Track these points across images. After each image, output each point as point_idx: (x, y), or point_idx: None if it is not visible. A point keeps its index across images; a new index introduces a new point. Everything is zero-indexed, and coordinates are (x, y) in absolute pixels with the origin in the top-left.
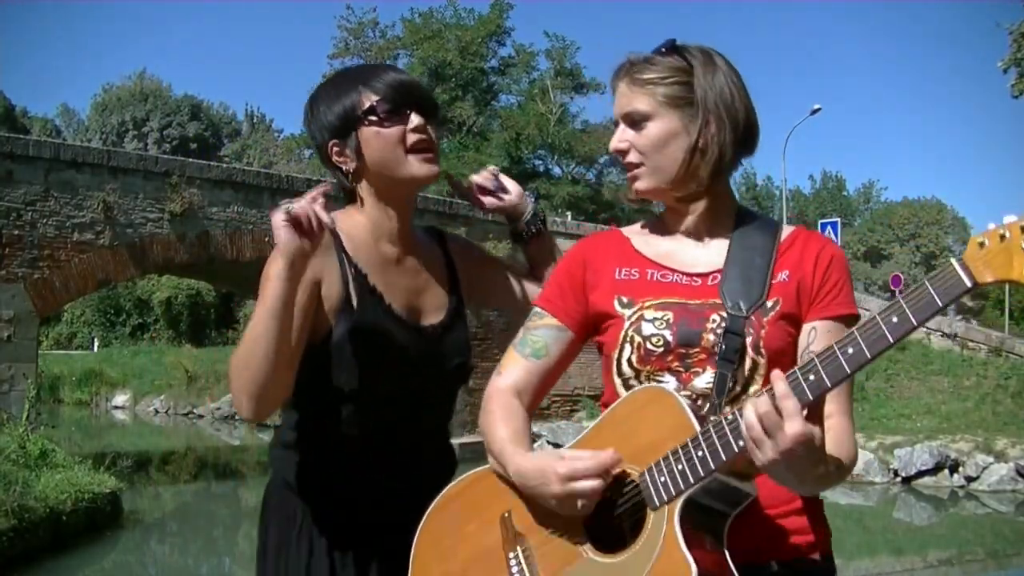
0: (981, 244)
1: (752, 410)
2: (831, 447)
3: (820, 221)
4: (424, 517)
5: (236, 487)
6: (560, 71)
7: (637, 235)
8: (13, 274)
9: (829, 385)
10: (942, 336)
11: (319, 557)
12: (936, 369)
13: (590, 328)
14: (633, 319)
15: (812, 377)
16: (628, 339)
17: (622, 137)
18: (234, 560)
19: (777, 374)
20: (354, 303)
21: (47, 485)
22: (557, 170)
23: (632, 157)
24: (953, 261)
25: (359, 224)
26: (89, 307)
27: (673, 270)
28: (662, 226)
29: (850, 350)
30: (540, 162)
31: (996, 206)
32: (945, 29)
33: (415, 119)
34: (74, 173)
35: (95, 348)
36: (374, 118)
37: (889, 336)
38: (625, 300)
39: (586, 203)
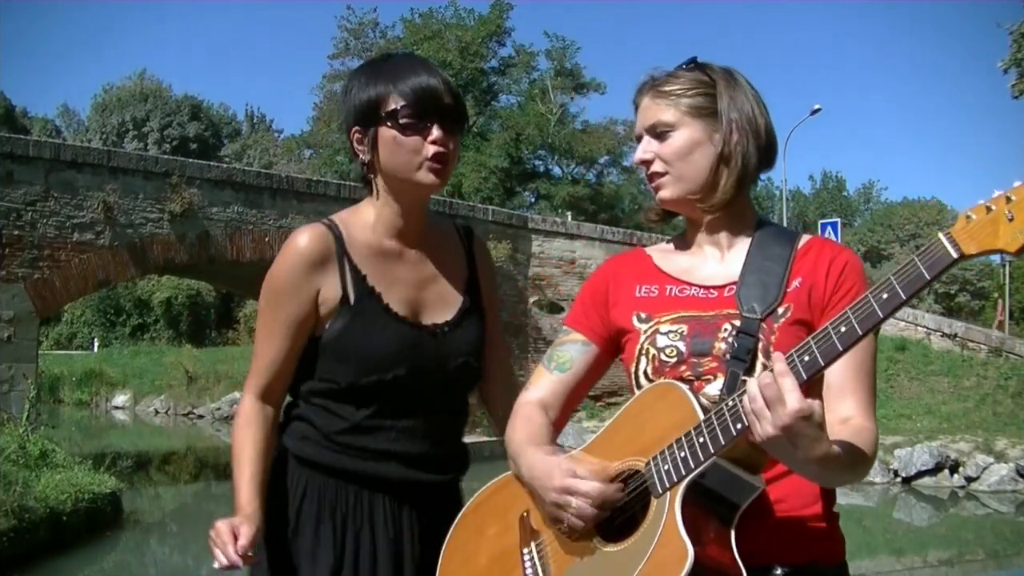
0: (968, 218)
1: (754, 384)
2: (848, 437)
3: (820, 221)
4: (453, 524)
5: None
6: (560, 71)
7: (659, 252)
8: (13, 274)
9: (822, 364)
10: (942, 336)
11: (325, 536)
12: (936, 369)
13: (615, 344)
14: (649, 333)
15: (807, 357)
16: (644, 352)
17: (646, 148)
18: None
19: (777, 355)
20: (351, 301)
21: (47, 485)
22: (557, 170)
23: (657, 167)
24: (940, 234)
25: (364, 220)
26: (89, 307)
27: (691, 284)
28: (683, 242)
29: (843, 328)
30: (540, 162)
31: None
32: (945, 29)
33: (435, 132)
34: (74, 173)
35: (95, 348)
36: (393, 123)
37: (879, 312)
38: (643, 316)
39: (586, 203)
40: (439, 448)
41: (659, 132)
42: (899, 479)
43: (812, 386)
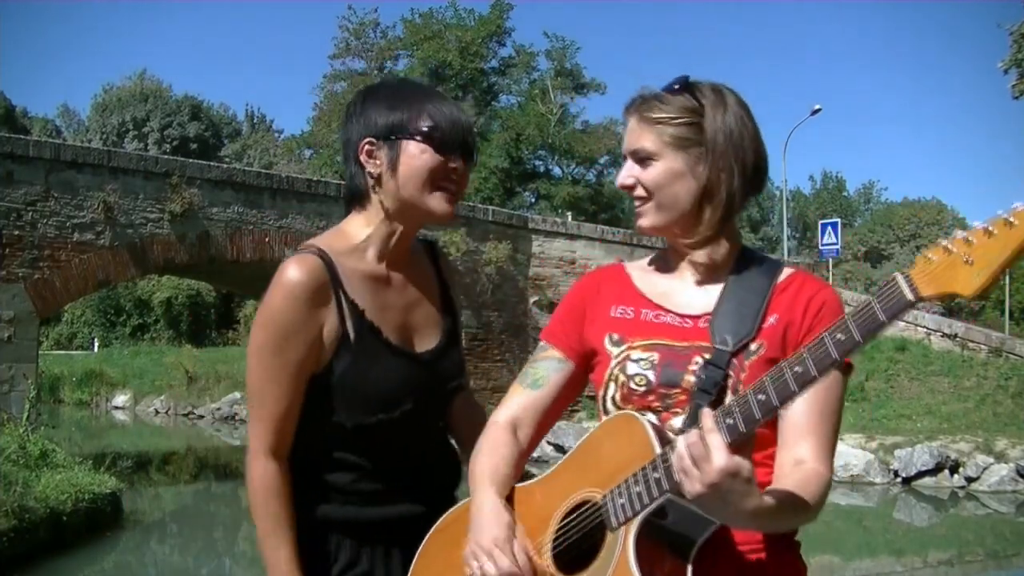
0: (928, 259)
1: (682, 442)
2: (794, 487)
3: (820, 222)
4: (423, 543)
5: (236, 487)
6: (560, 71)
7: (639, 271)
8: (13, 274)
9: (777, 404)
10: (942, 336)
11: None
12: (936, 369)
13: (591, 361)
14: (620, 358)
15: (762, 396)
16: (613, 378)
17: (629, 172)
18: (234, 561)
19: (706, 411)
20: (351, 339)
21: (47, 485)
22: (557, 170)
23: (638, 192)
24: (898, 275)
25: (351, 244)
26: (89, 307)
27: (667, 310)
28: (665, 263)
29: (798, 368)
30: (540, 162)
31: (996, 206)
32: (945, 29)
33: (458, 163)
34: (74, 173)
35: (95, 348)
36: (424, 138)
37: (833, 353)
38: (616, 338)
39: (586, 203)
40: (440, 466)
41: (641, 158)
42: (899, 479)
43: (764, 429)
